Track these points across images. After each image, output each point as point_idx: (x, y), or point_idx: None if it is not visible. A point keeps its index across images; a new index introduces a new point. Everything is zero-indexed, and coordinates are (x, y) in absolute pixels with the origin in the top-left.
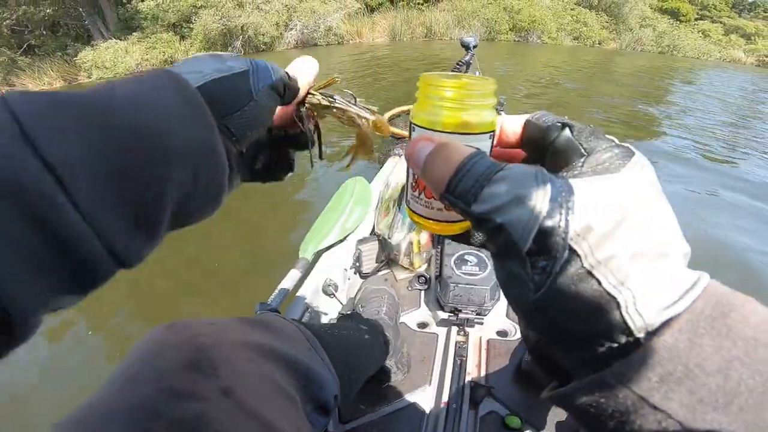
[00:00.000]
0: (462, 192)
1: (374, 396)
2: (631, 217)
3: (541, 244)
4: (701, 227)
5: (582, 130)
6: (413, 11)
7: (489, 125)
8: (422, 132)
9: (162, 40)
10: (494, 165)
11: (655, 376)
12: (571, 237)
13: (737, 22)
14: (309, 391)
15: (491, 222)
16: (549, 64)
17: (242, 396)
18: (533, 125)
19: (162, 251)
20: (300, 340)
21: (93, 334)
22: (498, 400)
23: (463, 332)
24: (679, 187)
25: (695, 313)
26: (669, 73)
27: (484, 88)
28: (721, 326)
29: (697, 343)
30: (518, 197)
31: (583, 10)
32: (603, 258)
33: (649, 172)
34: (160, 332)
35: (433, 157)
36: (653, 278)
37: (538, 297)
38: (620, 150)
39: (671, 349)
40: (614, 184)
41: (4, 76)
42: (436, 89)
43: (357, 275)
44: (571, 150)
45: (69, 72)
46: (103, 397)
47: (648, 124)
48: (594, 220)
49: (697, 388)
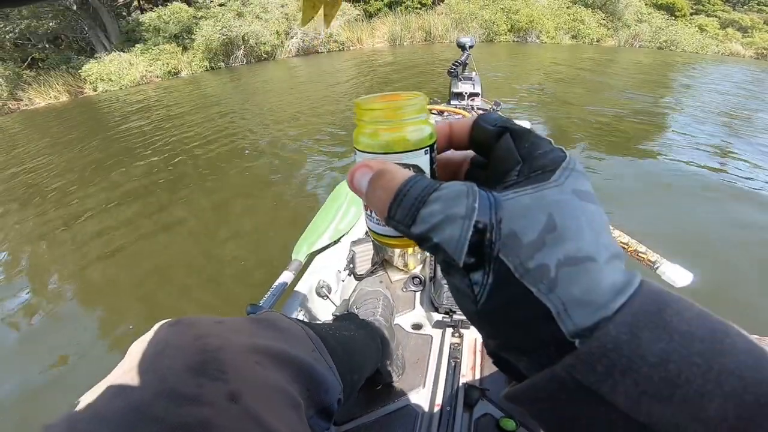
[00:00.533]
0: (401, 216)
1: (368, 398)
2: (559, 224)
3: (475, 258)
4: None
5: (521, 135)
6: (411, 16)
7: (426, 140)
8: (363, 156)
9: (165, 51)
10: (430, 186)
11: (602, 367)
12: (500, 249)
13: (732, 16)
14: (314, 395)
15: (429, 241)
16: (545, 64)
17: (249, 402)
18: (479, 129)
19: (159, 250)
20: (305, 341)
21: (99, 335)
22: (493, 403)
23: (457, 334)
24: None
25: (634, 307)
26: (674, 68)
27: (412, 104)
28: (658, 320)
29: (638, 336)
30: (449, 216)
31: (579, 8)
32: (532, 267)
33: (579, 177)
34: (163, 330)
35: (373, 187)
36: (581, 283)
37: (479, 308)
38: (554, 155)
39: (615, 341)
40: (542, 193)
41: (11, 90)
42: (368, 112)
43: (351, 277)
44: (509, 157)
45: (74, 85)
46: (99, 398)
47: (654, 118)
48: (520, 232)
49: (640, 380)
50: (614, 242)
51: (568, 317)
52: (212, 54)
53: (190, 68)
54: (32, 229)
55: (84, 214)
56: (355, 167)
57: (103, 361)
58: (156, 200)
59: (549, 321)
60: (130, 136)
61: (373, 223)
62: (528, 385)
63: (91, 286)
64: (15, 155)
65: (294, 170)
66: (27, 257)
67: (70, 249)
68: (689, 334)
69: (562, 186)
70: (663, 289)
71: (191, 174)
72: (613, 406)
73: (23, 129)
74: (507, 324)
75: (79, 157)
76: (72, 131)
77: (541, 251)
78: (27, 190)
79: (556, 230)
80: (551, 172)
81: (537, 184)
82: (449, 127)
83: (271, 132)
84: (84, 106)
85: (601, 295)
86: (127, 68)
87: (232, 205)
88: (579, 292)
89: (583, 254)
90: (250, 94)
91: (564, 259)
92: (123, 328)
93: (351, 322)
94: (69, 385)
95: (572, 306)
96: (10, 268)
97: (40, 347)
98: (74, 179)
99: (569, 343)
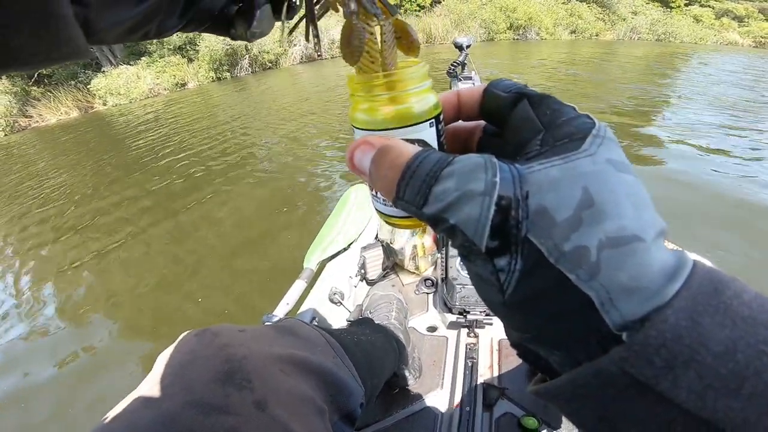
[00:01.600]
0: (411, 196)
1: (386, 402)
2: (596, 199)
3: (499, 241)
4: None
5: (541, 101)
6: (410, 18)
7: (430, 110)
8: (361, 133)
9: (171, 63)
10: (442, 160)
11: (660, 360)
12: (530, 229)
13: (726, 5)
14: (337, 400)
15: (444, 223)
16: (544, 59)
17: (275, 410)
18: (491, 96)
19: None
20: (325, 347)
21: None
22: (513, 401)
23: (473, 334)
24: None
25: (691, 290)
26: (677, 59)
27: (415, 72)
28: (718, 304)
29: (699, 322)
30: (466, 194)
31: (575, 3)
32: (568, 250)
33: (612, 145)
34: (189, 341)
35: (376, 166)
36: (629, 267)
37: (506, 299)
38: (580, 122)
39: (674, 329)
40: (574, 164)
41: (20, 107)
42: (364, 85)
43: (363, 282)
44: (528, 125)
45: (83, 100)
46: (129, 409)
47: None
48: (552, 208)
49: (705, 372)
50: (658, 218)
51: (613, 308)
52: (217, 64)
53: (196, 79)
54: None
55: (109, 230)
56: (353, 145)
57: (124, 368)
58: (176, 213)
59: (590, 311)
60: (141, 149)
61: (379, 203)
62: (566, 380)
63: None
64: (36, 171)
65: (304, 175)
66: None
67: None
68: (751, 319)
69: (595, 155)
70: (715, 268)
71: (204, 184)
72: (672, 402)
73: (38, 145)
74: (539, 316)
75: (97, 170)
76: (82, 146)
77: (578, 231)
78: (49, 201)
79: (594, 206)
80: (580, 140)
81: (565, 154)
82: (457, 96)
83: (280, 138)
84: (95, 120)
85: (653, 280)
86: (134, 81)
87: (246, 213)
88: (626, 278)
89: (629, 233)
90: (256, 102)
91: (606, 240)
92: (142, 337)
93: (366, 327)
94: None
95: (619, 294)
96: (38, 282)
97: (66, 350)
98: (93, 193)
99: (615, 336)
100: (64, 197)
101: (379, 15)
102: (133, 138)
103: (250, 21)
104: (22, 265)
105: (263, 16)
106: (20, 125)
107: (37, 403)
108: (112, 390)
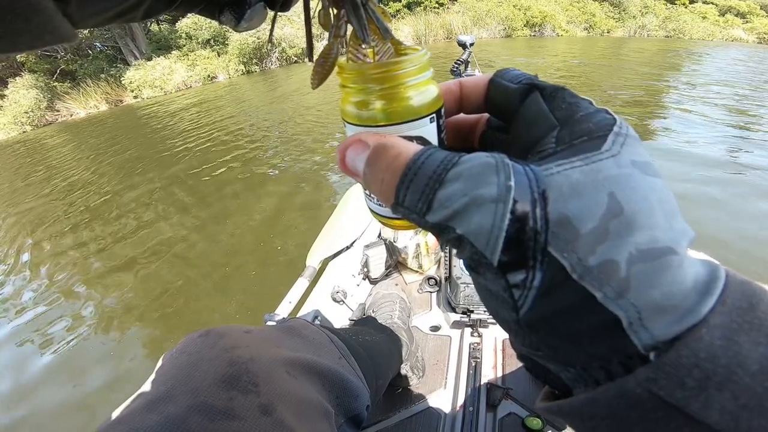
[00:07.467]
0: (412, 202)
1: (389, 401)
2: (625, 207)
3: (514, 254)
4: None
5: (555, 94)
6: (430, 15)
7: (431, 104)
8: (354, 129)
9: (201, 56)
10: (447, 160)
11: (692, 381)
12: (550, 242)
13: (729, 2)
14: (343, 402)
15: (450, 232)
16: (560, 54)
17: (281, 414)
18: (498, 87)
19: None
20: (331, 349)
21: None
22: (517, 402)
23: (476, 333)
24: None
25: (726, 305)
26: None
27: (414, 61)
28: (753, 319)
29: (735, 341)
30: (476, 199)
31: (587, 1)
32: (594, 265)
33: (636, 145)
34: (193, 342)
35: (371, 168)
36: (662, 283)
37: (521, 317)
38: (599, 117)
39: (708, 348)
40: (597, 165)
41: (49, 102)
42: (357, 75)
43: (366, 281)
44: (540, 120)
45: (112, 94)
46: (133, 412)
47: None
48: (576, 217)
49: (740, 392)
50: (687, 226)
51: (643, 328)
52: (246, 58)
53: (227, 72)
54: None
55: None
56: (345, 143)
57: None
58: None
59: (615, 332)
60: (177, 141)
61: (373, 203)
62: (584, 400)
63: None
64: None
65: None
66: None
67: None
68: None
69: (619, 156)
70: (747, 279)
71: (235, 179)
72: (703, 423)
73: (71, 138)
74: (556, 335)
75: (131, 162)
76: (117, 139)
77: (605, 243)
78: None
79: (622, 214)
80: (600, 139)
81: (586, 154)
82: (459, 86)
83: (310, 130)
84: (127, 114)
85: (687, 297)
86: (168, 74)
87: (236, 212)
88: (659, 296)
89: (662, 245)
90: (289, 94)
91: (637, 253)
92: (153, 337)
93: (370, 326)
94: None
95: (650, 314)
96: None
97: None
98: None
99: (641, 355)
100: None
101: (369, 41)
102: (165, 130)
103: (239, 16)
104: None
105: (254, 13)
106: (47, 119)
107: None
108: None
